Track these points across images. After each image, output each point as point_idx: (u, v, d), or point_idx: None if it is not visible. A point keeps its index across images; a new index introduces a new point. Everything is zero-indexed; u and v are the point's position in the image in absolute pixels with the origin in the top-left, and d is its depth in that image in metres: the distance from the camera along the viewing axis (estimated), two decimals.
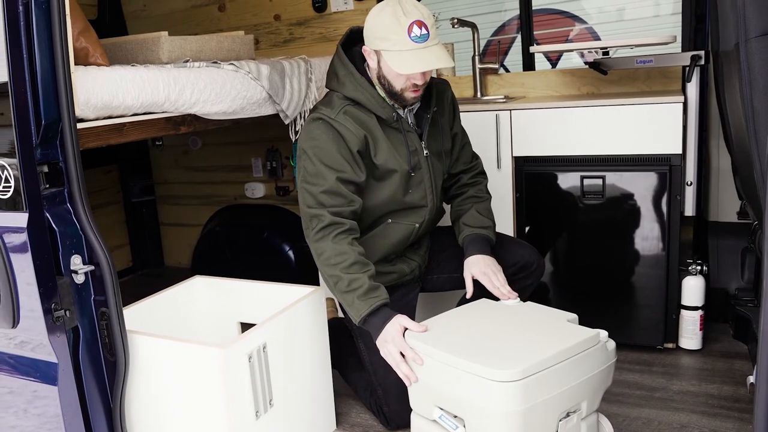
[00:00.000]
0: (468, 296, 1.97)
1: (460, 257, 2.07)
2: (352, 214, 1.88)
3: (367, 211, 1.97)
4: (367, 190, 1.95)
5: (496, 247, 2.08)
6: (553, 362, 1.51)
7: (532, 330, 1.68)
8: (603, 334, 1.64)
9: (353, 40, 1.99)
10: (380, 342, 1.78)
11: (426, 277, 2.20)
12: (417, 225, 2.03)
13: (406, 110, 1.99)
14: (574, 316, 1.75)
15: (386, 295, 1.82)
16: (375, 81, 1.92)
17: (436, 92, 2.05)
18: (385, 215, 2.01)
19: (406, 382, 1.72)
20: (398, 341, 1.72)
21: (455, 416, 1.61)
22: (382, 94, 1.92)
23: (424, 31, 1.77)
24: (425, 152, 2.00)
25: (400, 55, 1.78)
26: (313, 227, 1.85)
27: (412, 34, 1.76)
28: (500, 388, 1.47)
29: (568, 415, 1.57)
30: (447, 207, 2.24)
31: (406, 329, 1.74)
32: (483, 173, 2.24)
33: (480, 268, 1.95)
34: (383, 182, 1.96)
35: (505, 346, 1.60)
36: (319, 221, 1.83)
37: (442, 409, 1.65)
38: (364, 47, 1.90)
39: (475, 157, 2.23)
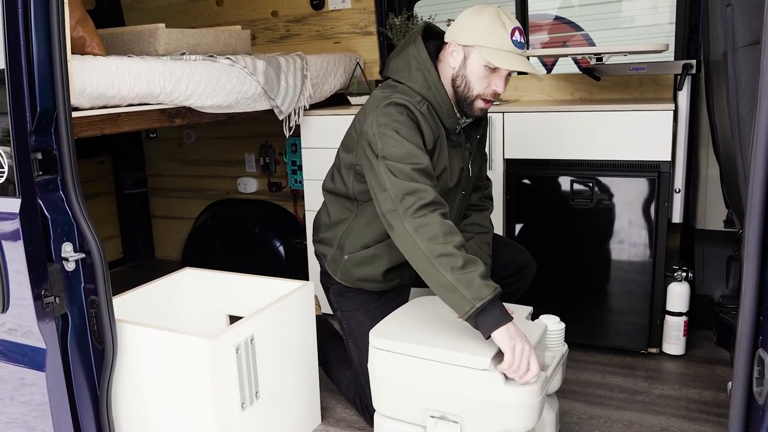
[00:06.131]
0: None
1: None
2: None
3: None
4: None
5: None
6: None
7: None
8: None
9: (425, 37, 1.89)
10: (510, 335, 1.55)
11: None
12: None
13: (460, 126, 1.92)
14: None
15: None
16: (447, 83, 1.84)
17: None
18: None
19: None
20: (525, 337, 1.57)
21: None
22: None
23: (522, 40, 1.77)
24: (470, 172, 1.96)
25: (499, 53, 1.75)
26: (411, 204, 1.66)
27: (514, 38, 1.75)
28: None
29: None
30: None
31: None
32: (491, 198, 2.17)
33: None
34: None
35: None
36: (419, 198, 1.66)
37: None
38: (449, 42, 1.82)
39: (487, 178, 2.20)
